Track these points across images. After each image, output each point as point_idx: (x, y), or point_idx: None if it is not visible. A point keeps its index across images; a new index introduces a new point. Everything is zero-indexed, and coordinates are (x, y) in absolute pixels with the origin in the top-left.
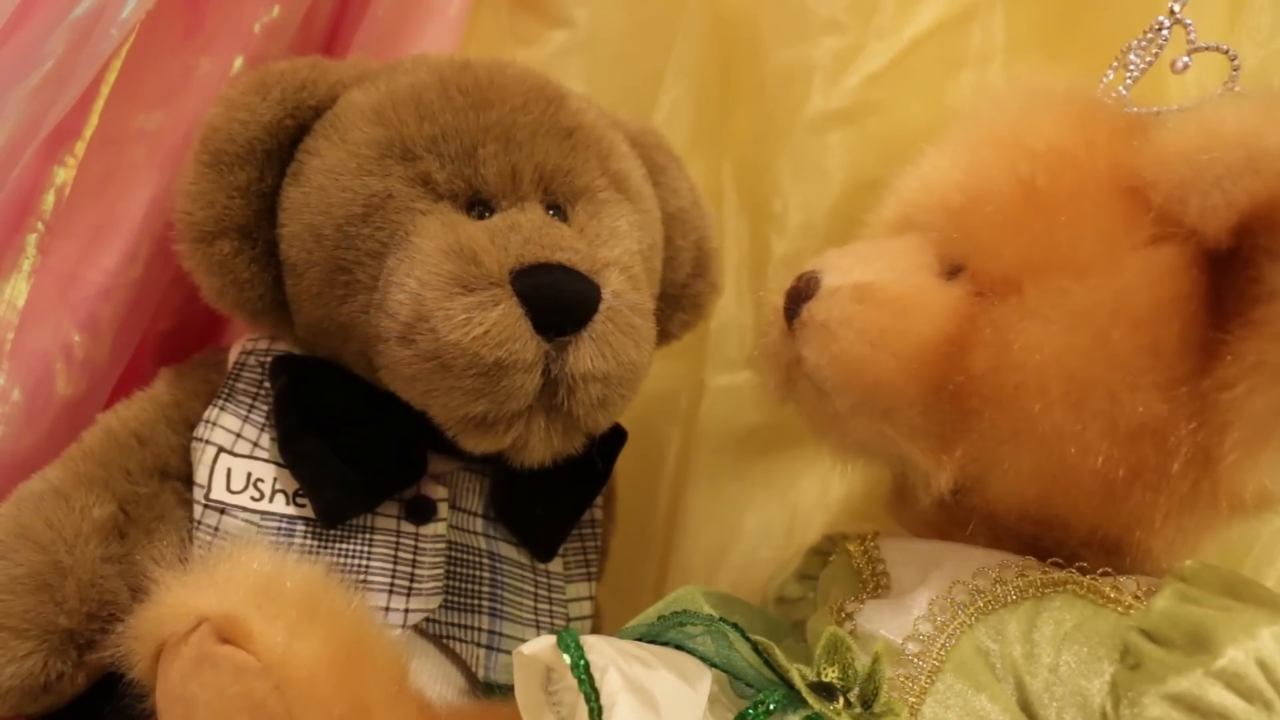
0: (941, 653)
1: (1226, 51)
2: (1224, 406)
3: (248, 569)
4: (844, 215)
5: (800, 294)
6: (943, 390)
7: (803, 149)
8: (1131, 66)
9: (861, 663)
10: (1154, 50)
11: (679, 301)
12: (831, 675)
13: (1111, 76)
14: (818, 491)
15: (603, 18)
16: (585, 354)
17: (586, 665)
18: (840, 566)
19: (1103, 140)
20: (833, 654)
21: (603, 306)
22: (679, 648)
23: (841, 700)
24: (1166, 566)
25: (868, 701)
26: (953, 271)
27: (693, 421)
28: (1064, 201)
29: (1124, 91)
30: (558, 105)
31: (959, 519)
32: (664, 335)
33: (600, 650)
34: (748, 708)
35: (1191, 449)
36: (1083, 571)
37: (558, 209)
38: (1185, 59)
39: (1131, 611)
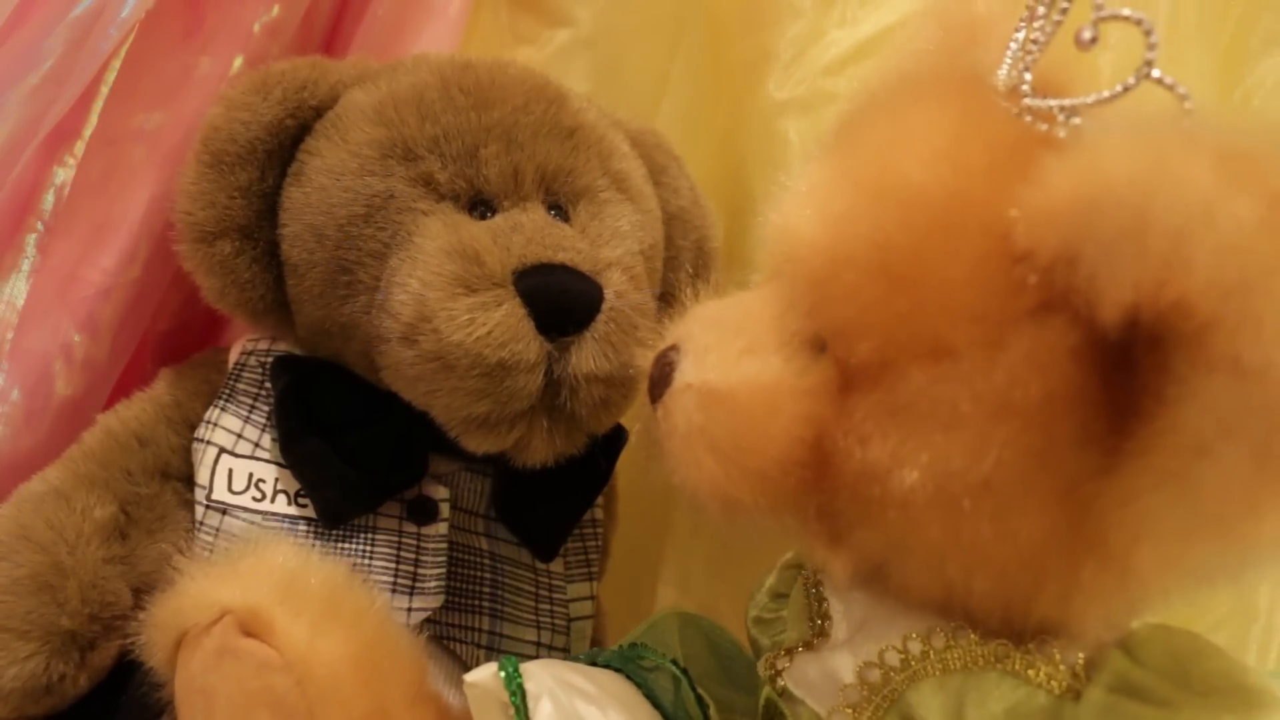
0: None
1: (1140, 23)
2: (1130, 521)
3: (272, 564)
4: None
5: (657, 382)
6: (808, 493)
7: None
8: (1034, 39)
9: None
10: (1054, 18)
11: (680, 302)
12: None
13: (1020, 39)
14: None
15: (603, 17)
16: (588, 354)
17: (524, 693)
18: (802, 589)
19: (979, 178)
20: (769, 716)
21: (605, 307)
22: (636, 682)
23: None
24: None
25: None
26: (817, 343)
27: None
28: (930, 269)
29: (1027, 76)
30: (559, 105)
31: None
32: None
33: (538, 679)
34: None
35: (1101, 556)
36: (1018, 641)
37: (559, 209)
38: (1091, 30)
39: (1066, 697)
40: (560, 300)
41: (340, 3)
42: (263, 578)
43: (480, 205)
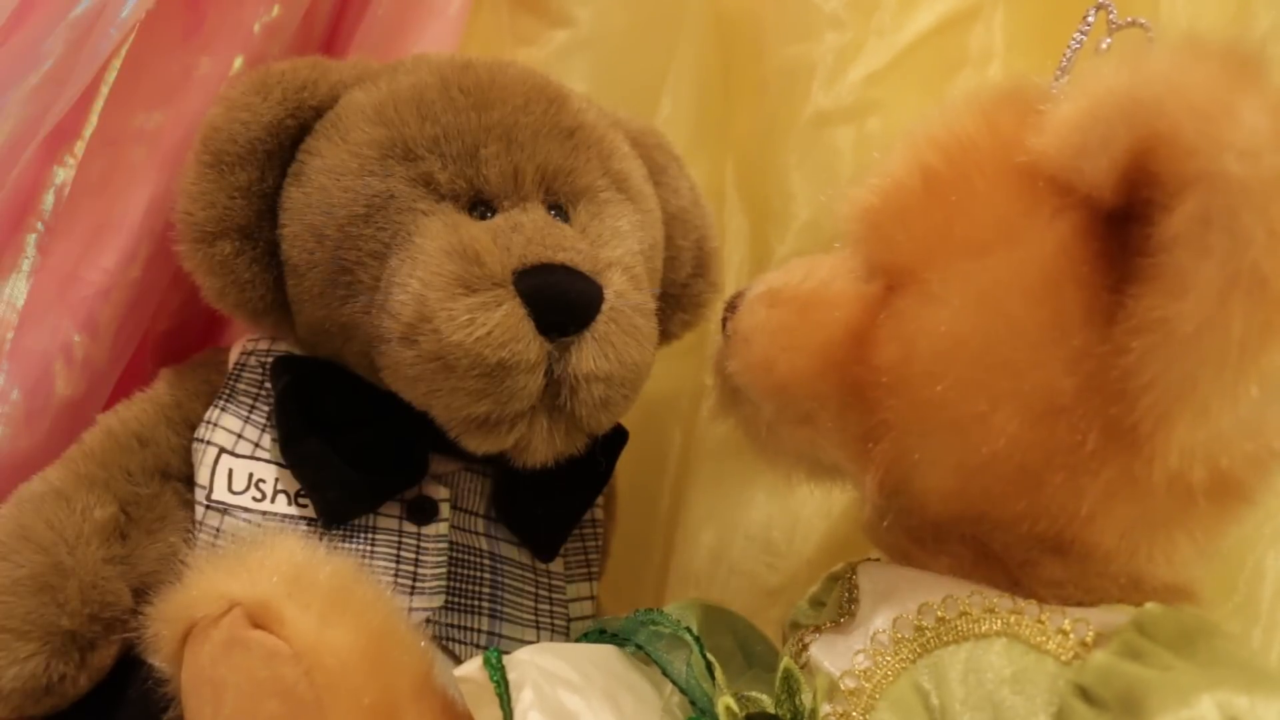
0: (877, 690)
1: (1144, 26)
2: (1126, 372)
3: (280, 557)
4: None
5: (729, 312)
6: (851, 385)
7: (804, 147)
8: (1063, 60)
9: (808, 696)
10: (1078, 38)
11: (679, 301)
12: (785, 711)
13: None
14: (821, 494)
15: (603, 17)
16: (588, 354)
17: (507, 683)
18: (839, 593)
19: (1007, 124)
20: (786, 687)
21: (605, 307)
22: (645, 651)
23: None
24: (1141, 580)
25: None
26: (874, 275)
27: (695, 421)
28: (961, 186)
29: (1064, 79)
30: (559, 105)
31: (917, 537)
32: (664, 335)
33: (522, 669)
34: None
35: (1104, 424)
36: (1039, 602)
37: (559, 209)
38: (1107, 40)
39: (1074, 662)
40: (560, 300)
41: (340, 3)
42: (271, 570)
43: (480, 205)
